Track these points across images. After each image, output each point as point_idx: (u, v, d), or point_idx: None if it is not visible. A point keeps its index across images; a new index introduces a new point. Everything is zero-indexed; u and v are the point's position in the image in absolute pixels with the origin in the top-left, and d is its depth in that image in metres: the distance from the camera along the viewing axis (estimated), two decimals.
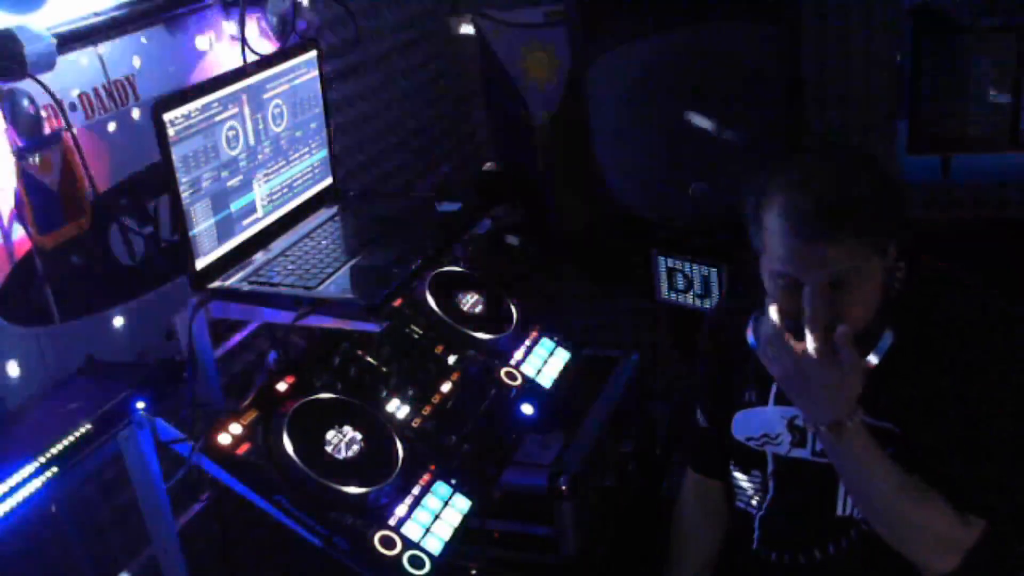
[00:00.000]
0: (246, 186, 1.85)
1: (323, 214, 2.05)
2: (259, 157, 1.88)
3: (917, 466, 1.63)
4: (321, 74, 2.04)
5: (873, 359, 1.60)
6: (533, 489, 2.41)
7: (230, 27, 2.15)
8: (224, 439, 1.61)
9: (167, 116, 1.63)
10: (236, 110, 1.79)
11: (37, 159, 1.63)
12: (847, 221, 1.51)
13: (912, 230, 1.67)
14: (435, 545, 1.61)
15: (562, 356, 2.07)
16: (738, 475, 1.89)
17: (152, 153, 1.80)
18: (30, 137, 1.63)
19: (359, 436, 1.67)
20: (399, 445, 1.70)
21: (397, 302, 1.89)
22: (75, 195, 1.71)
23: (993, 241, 2.93)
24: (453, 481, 1.71)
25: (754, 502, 1.86)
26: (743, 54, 2.38)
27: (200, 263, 1.75)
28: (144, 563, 1.80)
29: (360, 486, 1.60)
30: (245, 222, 1.86)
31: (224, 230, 1.80)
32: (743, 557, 1.89)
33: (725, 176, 2.56)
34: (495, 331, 2.01)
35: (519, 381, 1.95)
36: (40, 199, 1.64)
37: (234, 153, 1.81)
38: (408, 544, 1.58)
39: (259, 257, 1.86)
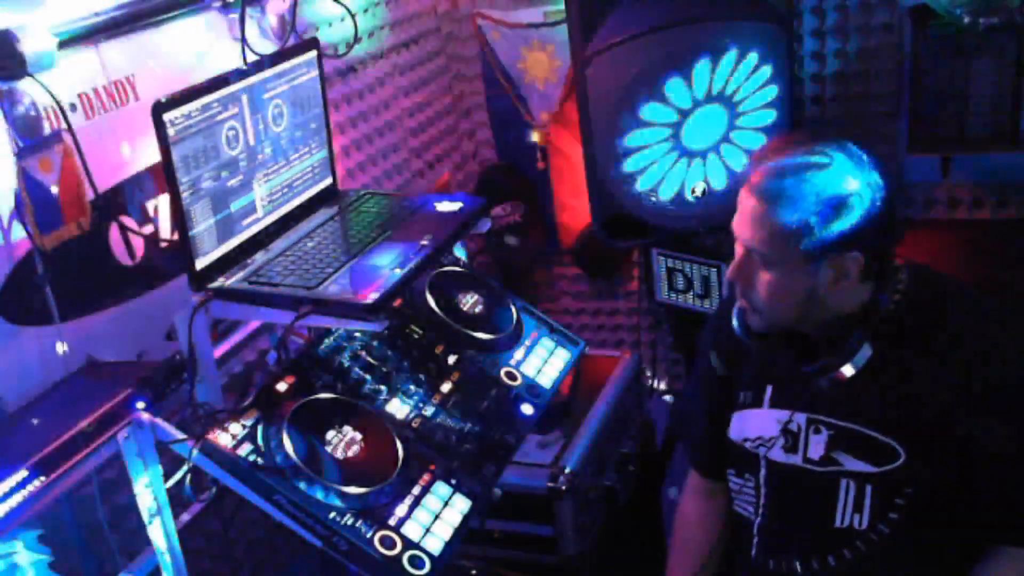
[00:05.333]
0: (246, 186, 1.85)
1: (323, 214, 2.05)
2: (259, 157, 1.88)
3: (936, 501, 1.63)
4: (321, 74, 2.04)
5: (848, 370, 1.61)
6: (533, 489, 2.41)
7: (230, 27, 2.15)
8: (224, 439, 1.60)
9: (167, 116, 1.62)
10: (236, 110, 1.79)
11: (37, 159, 1.63)
12: (771, 204, 1.56)
13: (893, 257, 1.68)
14: (435, 545, 1.60)
15: (562, 356, 2.06)
16: (733, 478, 1.89)
17: (152, 153, 1.80)
18: (30, 137, 1.63)
19: (359, 436, 1.67)
20: (399, 445, 1.70)
21: (397, 302, 1.89)
22: (75, 195, 1.71)
23: (993, 241, 2.93)
24: (453, 481, 1.71)
25: (750, 507, 1.85)
26: (743, 53, 2.38)
27: (200, 263, 1.74)
28: (144, 563, 1.80)
29: (360, 486, 1.60)
30: (245, 222, 1.86)
31: (224, 230, 1.80)
32: (743, 564, 1.89)
33: (725, 175, 2.56)
34: (495, 331, 2.01)
35: (519, 381, 1.95)
36: (40, 199, 1.64)
37: (234, 153, 1.81)
38: (408, 544, 1.58)
39: (259, 257, 1.86)
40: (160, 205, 2.00)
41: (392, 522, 1.60)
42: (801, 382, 1.69)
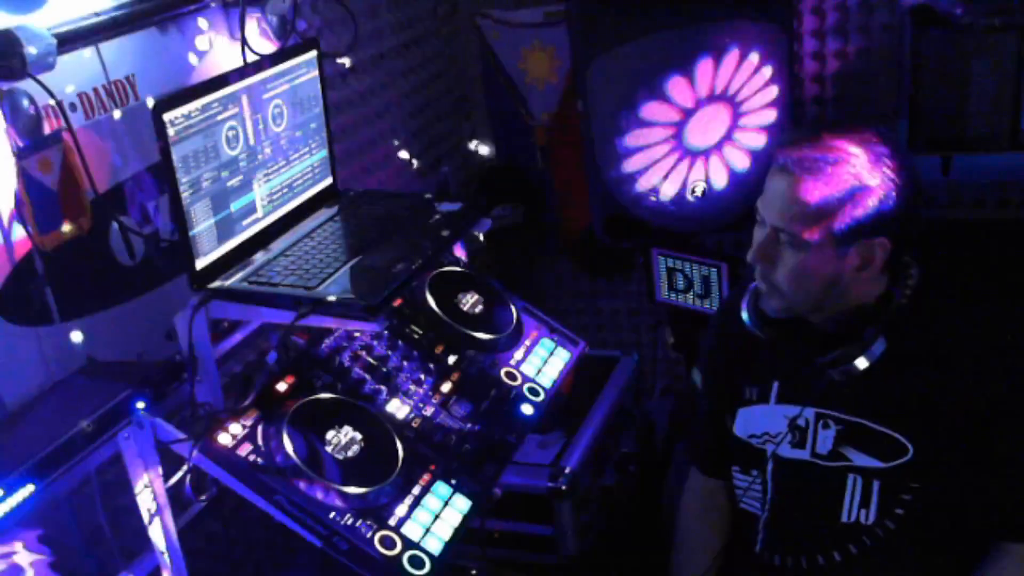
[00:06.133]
0: (246, 186, 1.85)
1: (323, 214, 2.05)
2: (259, 157, 1.88)
3: (943, 497, 1.63)
4: (321, 74, 2.04)
5: (863, 363, 1.61)
6: (533, 489, 2.41)
7: (230, 27, 2.15)
8: (224, 439, 1.61)
9: (167, 116, 1.62)
10: (236, 110, 1.79)
11: (37, 159, 1.63)
12: (807, 182, 1.56)
13: (911, 247, 1.68)
14: (435, 545, 1.61)
15: (562, 356, 2.06)
16: (738, 475, 1.89)
17: (152, 153, 1.80)
18: (30, 137, 1.63)
19: (359, 436, 1.67)
20: (399, 445, 1.70)
21: (397, 302, 1.89)
22: (75, 195, 1.71)
23: (993, 241, 2.93)
24: (453, 481, 1.71)
25: (756, 503, 1.85)
26: (744, 54, 2.38)
27: (200, 263, 1.74)
28: (144, 563, 1.80)
29: (360, 486, 1.60)
30: (245, 222, 1.86)
31: (224, 230, 1.80)
32: (747, 559, 1.89)
33: (726, 175, 2.56)
34: (495, 331, 2.01)
35: (519, 381, 1.95)
36: (40, 199, 1.64)
37: (234, 153, 1.81)
38: (408, 544, 1.58)
39: (259, 257, 1.86)
40: (160, 205, 2.00)
41: (392, 522, 1.60)
42: (811, 375, 1.69)
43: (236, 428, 1.63)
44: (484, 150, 3.54)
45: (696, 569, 1.99)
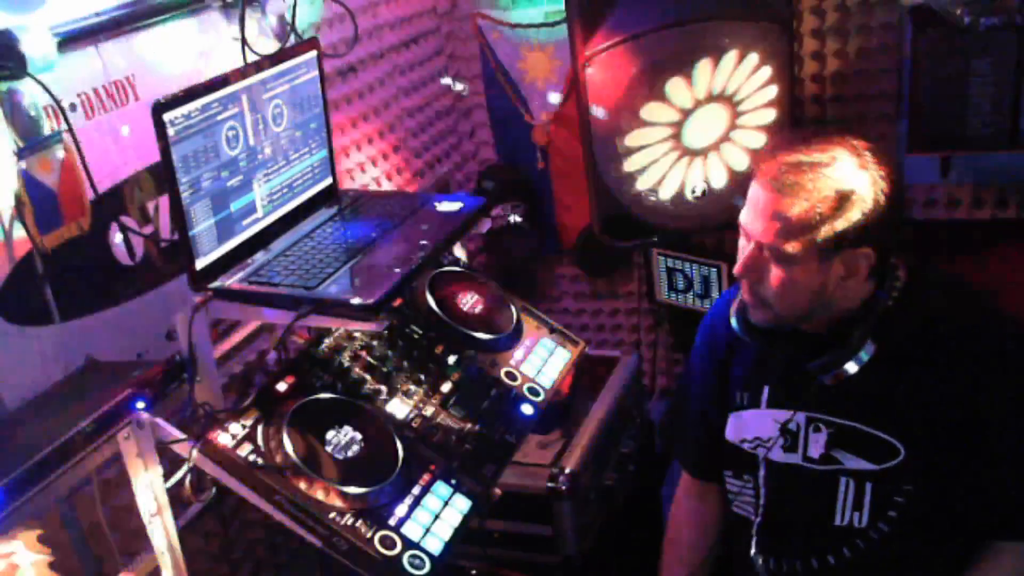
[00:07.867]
0: (246, 186, 1.85)
1: (323, 214, 2.05)
2: (259, 157, 1.88)
3: (935, 498, 1.63)
4: (321, 74, 2.04)
5: (852, 367, 1.61)
6: (533, 489, 2.41)
7: (230, 27, 2.15)
8: (224, 439, 1.61)
9: (167, 116, 1.62)
10: (236, 110, 1.79)
11: (37, 159, 1.63)
12: (787, 197, 1.56)
13: (897, 253, 1.68)
14: (435, 545, 1.61)
15: (562, 356, 2.06)
16: (730, 480, 1.89)
17: (152, 153, 1.80)
18: (30, 137, 1.62)
19: (359, 436, 1.67)
20: (399, 445, 1.70)
21: (397, 302, 1.89)
22: (75, 195, 1.70)
23: (993, 241, 2.93)
24: (453, 481, 1.71)
25: (749, 507, 1.85)
26: (743, 54, 2.38)
27: (200, 263, 1.75)
28: (144, 563, 1.80)
29: (360, 486, 1.60)
30: (245, 222, 1.86)
31: (224, 230, 1.80)
32: (740, 563, 1.89)
33: (725, 174, 2.56)
34: (495, 331, 2.01)
35: (519, 381, 1.95)
36: (40, 199, 1.64)
37: (234, 153, 1.81)
38: (408, 544, 1.58)
39: (259, 257, 1.86)
40: (160, 205, 2.00)
41: (392, 522, 1.60)
42: (801, 380, 1.69)
43: (236, 428, 1.63)
44: (484, 150, 3.54)
45: (686, 571, 1.99)
